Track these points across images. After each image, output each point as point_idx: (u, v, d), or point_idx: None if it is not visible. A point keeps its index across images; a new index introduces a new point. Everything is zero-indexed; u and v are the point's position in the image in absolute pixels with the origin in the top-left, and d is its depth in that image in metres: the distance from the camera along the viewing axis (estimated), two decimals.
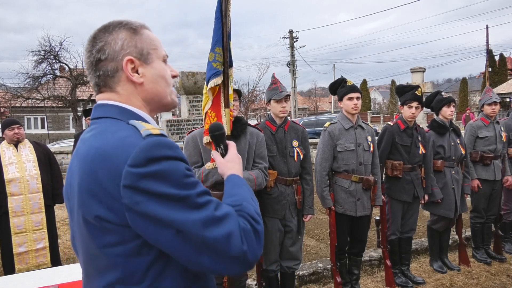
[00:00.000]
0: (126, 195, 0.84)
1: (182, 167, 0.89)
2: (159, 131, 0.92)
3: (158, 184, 0.84)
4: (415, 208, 3.71)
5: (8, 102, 19.06)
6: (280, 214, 2.93)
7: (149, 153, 0.85)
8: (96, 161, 0.87)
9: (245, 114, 25.56)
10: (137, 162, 0.84)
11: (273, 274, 3.01)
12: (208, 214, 0.88)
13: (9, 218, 3.61)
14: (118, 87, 1.00)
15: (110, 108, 0.99)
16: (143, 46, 1.01)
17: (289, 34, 27.73)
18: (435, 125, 3.85)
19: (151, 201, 0.83)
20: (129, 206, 0.84)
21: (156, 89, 1.04)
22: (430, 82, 16.06)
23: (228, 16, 2.33)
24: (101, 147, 0.89)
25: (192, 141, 2.63)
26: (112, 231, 0.89)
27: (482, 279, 3.67)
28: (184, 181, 0.88)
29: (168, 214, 0.84)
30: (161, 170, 0.85)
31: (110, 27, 1.00)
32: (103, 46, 0.98)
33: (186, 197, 0.87)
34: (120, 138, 0.89)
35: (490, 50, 29.20)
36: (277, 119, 3.02)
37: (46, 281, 2.18)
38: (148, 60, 1.01)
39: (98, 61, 0.98)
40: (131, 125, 0.94)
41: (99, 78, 1.00)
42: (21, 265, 3.68)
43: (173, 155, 0.89)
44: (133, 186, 0.83)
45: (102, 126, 0.96)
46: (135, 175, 0.83)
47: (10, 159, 3.68)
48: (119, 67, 0.98)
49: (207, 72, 2.39)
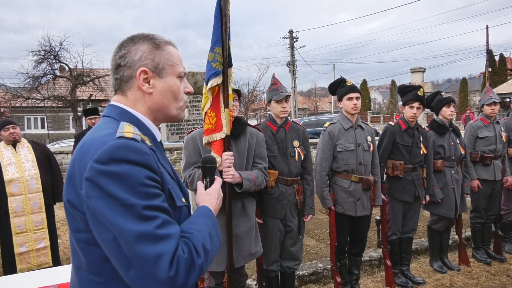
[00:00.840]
0: (85, 187, 0.90)
1: (141, 174, 0.91)
2: (133, 135, 0.97)
3: (112, 185, 0.88)
4: (416, 208, 3.71)
5: (8, 102, 19.06)
6: (281, 214, 2.93)
7: (113, 153, 0.90)
8: (79, 151, 0.97)
9: (245, 114, 25.54)
10: (100, 159, 0.90)
11: (273, 274, 3.01)
12: (147, 229, 0.88)
13: (10, 219, 3.61)
14: (129, 92, 1.10)
15: (114, 109, 1.09)
16: (160, 61, 1.10)
17: (289, 34, 27.72)
18: (435, 125, 3.86)
19: (101, 199, 0.88)
20: (84, 197, 0.90)
21: (163, 101, 1.11)
22: (430, 82, 16.08)
23: (227, 15, 2.33)
24: (86, 140, 0.99)
25: (191, 141, 2.63)
26: (78, 218, 0.96)
27: (482, 279, 3.67)
28: (137, 189, 0.90)
29: (110, 216, 0.87)
30: (119, 172, 0.89)
31: (136, 38, 1.11)
32: (125, 54, 1.09)
33: (133, 205, 0.88)
34: (101, 135, 0.97)
35: (490, 50, 29.21)
36: (277, 119, 3.02)
37: (46, 281, 2.18)
38: (162, 74, 1.10)
39: (118, 66, 1.09)
40: (118, 126, 1.01)
41: (116, 80, 1.11)
42: (23, 265, 3.68)
43: (137, 160, 0.92)
44: (91, 180, 0.89)
45: (101, 123, 1.07)
46: (95, 170, 0.89)
47: (9, 159, 3.67)
48: (133, 75, 1.08)
49: (206, 72, 2.39)
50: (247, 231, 2.58)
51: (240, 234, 2.52)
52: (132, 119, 1.07)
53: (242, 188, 2.47)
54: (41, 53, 17.78)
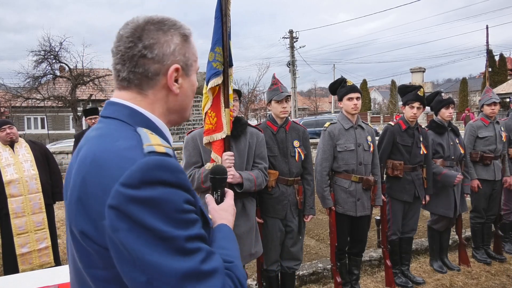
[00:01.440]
0: (109, 217, 0.72)
1: (179, 198, 0.76)
2: (165, 149, 0.80)
3: (146, 214, 0.71)
4: (416, 209, 3.71)
5: (8, 102, 19.05)
6: (281, 214, 2.93)
7: (145, 174, 0.73)
8: (90, 169, 0.78)
9: (245, 114, 25.55)
10: (130, 182, 0.72)
11: (274, 274, 3.01)
12: (192, 265, 0.73)
13: (10, 220, 3.61)
14: (150, 91, 0.90)
15: (121, 108, 0.89)
16: (189, 57, 0.95)
17: (289, 34, 27.73)
18: (434, 125, 3.86)
19: (132, 231, 0.71)
20: (108, 230, 0.73)
21: (185, 103, 0.98)
22: (430, 82, 16.08)
23: (228, 15, 2.34)
24: (98, 154, 0.79)
25: (192, 141, 2.63)
26: (96, 252, 0.78)
27: (482, 279, 3.67)
28: (176, 217, 0.74)
29: (145, 253, 0.71)
30: (155, 197, 0.72)
31: (165, 26, 0.91)
32: (153, 44, 0.88)
33: (173, 238, 0.72)
34: (119, 148, 0.78)
35: (490, 50, 29.21)
36: (278, 119, 3.02)
37: (46, 281, 2.18)
38: (189, 72, 0.95)
39: (142, 57, 0.87)
40: (138, 134, 0.83)
41: (134, 74, 0.89)
42: (25, 265, 3.67)
43: (173, 181, 0.76)
44: (119, 209, 0.71)
45: (107, 128, 0.86)
46: (124, 196, 0.71)
47: (7, 160, 3.65)
48: (162, 71, 0.89)
49: (207, 72, 2.39)
50: (247, 231, 2.58)
51: (240, 234, 2.52)
52: (145, 122, 0.89)
53: (243, 188, 2.47)
54: (41, 53, 17.79)
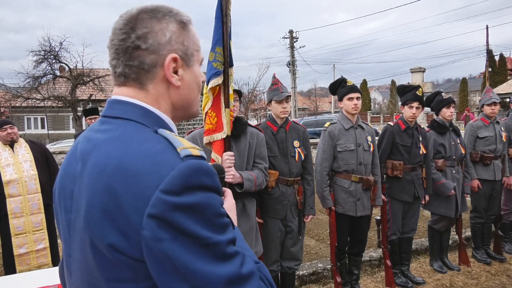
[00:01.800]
0: (149, 227, 0.67)
1: (217, 202, 0.73)
2: (199, 152, 0.76)
3: (189, 221, 0.68)
4: (416, 209, 3.71)
5: (8, 102, 19.04)
6: (281, 214, 2.93)
7: (186, 179, 0.69)
8: (116, 176, 0.71)
9: (245, 114, 25.54)
10: (171, 188, 0.68)
11: (274, 275, 3.01)
12: (233, 270, 0.71)
13: (9, 220, 3.60)
14: (150, 85, 0.84)
15: (133, 108, 0.82)
16: (189, 45, 0.88)
17: (289, 34, 27.73)
18: (435, 125, 3.86)
19: (176, 240, 0.67)
20: (148, 241, 0.68)
21: (189, 96, 0.90)
22: (430, 82, 16.08)
23: (228, 15, 2.34)
24: (124, 159, 0.72)
25: (192, 141, 2.63)
26: (125, 265, 0.73)
27: (482, 279, 3.67)
28: (217, 222, 0.72)
29: (190, 261, 0.68)
30: (197, 203, 0.69)
31: (160, 14, 0.85)
32: (147, 34, 0.82)
33: (216, 243, 0.70)
34: (150, 152, 0.73)
35: (490, 50, 29.21)
36: (278, 119, 3.02)
37: (46, 281, 2.17)
38: (190, 62, 0.88)
39: (136, 49, 0.82)
40: (162, 136, 0.78)
41: (130, 68, 0.83)
42: (22, 266, 3.67)
43: (211, 185, 0.73)
44: (162, 218, 0.67)
45: (121, 130, 0.79)
46: (167, 204, 0.67)
47: (7, 160, 3.65)
48: (159, 62, 0.83)
49: (207, 72, 2.39)
50: (248, 231, 2.58)
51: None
52: (159, 123, 0.83)
53: (243, 188, 2.47)
54: (41, 53, 17.78)
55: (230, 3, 2.34)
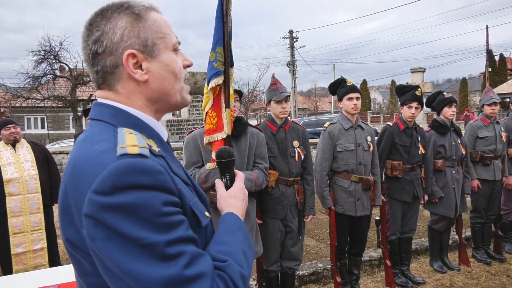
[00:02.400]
0: (86, 226, 0.69)
1: (157, 201, 0.71)
2: (138, 150, 0.74)
3: (122, 221, 0.67)
4: (415, 208, 3.71)
5: (8, 102, 19.04)
6: (281, 214, 2.92)
7: (117, 179, 0.69)
8: (70, 176, 0.75)
9: (245, 114, 25.54)
10: (101, 189, 0.68)
11: (274, 275, 3.01)
12: (174, 272, 0.69)
13: (7, 218, 3.61)
14: (118, 85, 0.85)
15: (106, 109, 0.85)
16: (148, 36, 0.84)
17: (289, 34, 27.72)
18: (436, 125, 3.85)
19: (110, 240, 0.68)
20: (87, 238, 0.71)
21: (164, 87, 0.87)
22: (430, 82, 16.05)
23: (229, 15, 2.33)
24: (77, 160, 0.76)
25: (192, 141, 2.63)
26: (83, 259, 0.76)
27: (482, 279, 3.67)
28: (155, 221, 0.70)
29: (124, 262, 0.68)
30: (130, 203, 0.68)
31: (108, 12, 0.83)
32: (99, 37, 0.82)
33: (153, 244, 0.68)
34: (96, 153, 0.74)
35: (490, 50, 29.18)
36: (277, 119, 3.02)
37: (46, 281, 2.17)
38: (154, 53, 0.85)
39: (95, 55, 0.83)
40: (116, 135, 0.79)
41: (97, 74, 0.85)
42: (19, 265, 3.66)
43: (149, 183, 0.71)
44: (94, 217, 0.68)
45: (90, 131, 0.83)
46: (97, 204, 0.68)
47: (8, 159, 3.67)
48: (119, 62, 0.83)
49: (208, 72, 2.39)
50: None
51: None
52: (131, 120, 0.84)
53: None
54: (41, 53, 17.76)
55: (230, 3, 2.34)
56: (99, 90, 0.88)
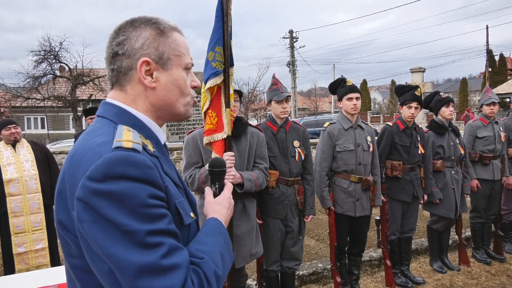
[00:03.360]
0: (77, 208, 0.76)
1: (143, 193, 0.78)
2: (132, 145, 0.82)
3: (108, 207, 0.74)
4: (415, 208, 3.71)
5: (8, 102, 19.03)
6: (282, 214, 2.92)
7: (109, 168, 0.76)
8: (70, 163, 0.83)
9: (245, 114, 25.53)
10: (94, 175, 0.76)
11: (274, 274, 3.01)
12: (150, 259, 0.75)
13: (8, 219, 3.61)
14: (128, 86, 0.95)
15: (110, 108, 0.94)
16: (165, 50, 0.95)
17: (289, 34, 27.71)
18: (434, 125, 3.86)
19: (96, 224, 0.74)
20: (76, 220, 0.77)
21: (168, 97, 0.96)
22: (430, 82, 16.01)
23: (229, 14, 2.33)
24: (78, 149, 0.84)
25: (192, 141, 2.63)
26: (71, 241, 0.83)
27: (482, 279, 3.67)
28: (139, 211, 0.76)
29: (107, 245, 0.74)
30: (117, 191, 0.75)
31: (137, 22, 0.95)
32: (123, 40, 0.93)
33: (134, 231, 0.75)
34: (95, 144, 0.82)
35: (490, 50, 29.20)
36: (278, 119, 3.02)
37: (46, 281, 2.18)
38: (167, 66, 0.95)
39: (115, 55, 0.93)
40: (114, 131, 0.88)
41: (112, 72, 0.95)
42: (21, 265, 3.67)
43: (138, 176, 0.78)
44: (84, 201, 0.75)
45: (94, 126, 0.93)
46: (88, 189, 0.75)
47: (8, 159, 3.67)
48: (133, 65, 0.93)
49: (205, 71, 2.38)
50: (248, 231, 2.58)
51: (240, 234, 2.52)
52: (132, 120, 0.93)
53: (243, 189, 2.47)
54: (41, 53, 17.76)
55: (231, 2, 2.33)
56: (111, 90, 0.98)
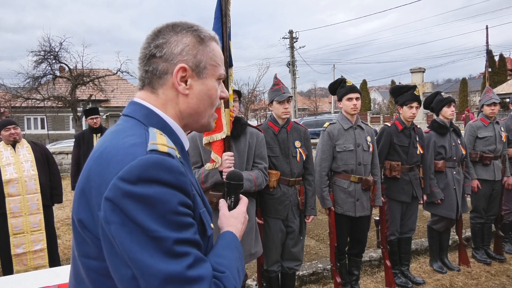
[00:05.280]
0: (104, 208, 0.74)
1: (175, 199, 0.76)
2: (168, 149, 0.81)
3: (139, 210, 0.72)
4: (414, 208, 3.71)
5: (8, 102, 19.03)
6: (283, 214, 2.92)
7: (143, 171, 0.74)
8: (97, 162, 0.81)
9: (245, 114, 25.54)
10: (127, 177, 0.73)
11: (274, 275, 3.01)
12: (177, 269, 0.73)
13: (7, 219, 3.60)
14: (160, 90, 0.93)
15: (140, 108, 0.92)
16: (202, 59, 0.94)
17: (289, 34, 27.72)
18: (435, 126, 3.85)
19: (124, 226, 0.72)
20: (102, 221, 0.74)
21: (198, 106, 0.96)
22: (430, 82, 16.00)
23: (228, 15, 2.33)
24: (106, 148, 0.81)
25: (191, 142, 2.63)
26: (91, 242, 0.80)
27: (482, 280, 3.67)
28: (169, 218, 0.74)
29: (133, 249, 0.72)
30: (149, 195, 0.73)
31: (179, 27, 0.94)
32: (163, 44, 0.92)
33: (163, 238, 0.72)
34: (126, 144, 0.80)
35: (490, 50, 29.19)
36: (279, 120, 3.01)
37: (46, 281, 2.17)
38: (202, 75, 0.95)
39: (152, 56, 0.92)
40: (147, 133, 0.85)
41: (146, 73, 0.93)
42: (20, 266, 3.66)
43: (171, 181, 0.76)
44: (114, 202, 0.73)
45: (122, 125, 0.90)
46: (120, 190, 0.73)
47: (8, 159, 3.66)
48: (169, 70, 0.91)
49: None
50: (247, 231, 2.58)
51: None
52: (161, 124, 0.91)
53: (242, 189, 2.46)
54: (41, 53, 17.76)
55: (229, 3, 2.34)
56: (141, 90, 0.96)
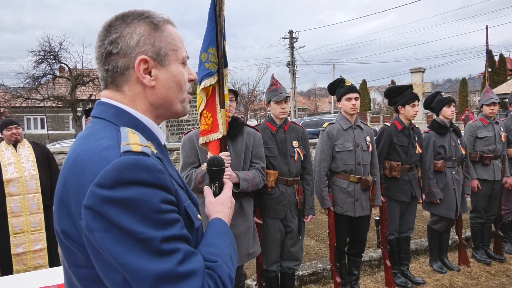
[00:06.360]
0: (85, 217, 0.72)
1: (156, 198, 0.74)
2: (142, 148, 0.78)
3: (121, 214, 0.70)
4: (413, 208, 3.71)
5: (8, 102, 19.06)
6: (281, 214, 2.92)
7: (120, 174, 0.72)
8: (71, 170, 0.78)
9: (244, 114, 25.54)
10: (104, 182, 0.71)
11: (274, 275, 3.01)
12: (167, 267, 0.72)
13: (8, 219, 3.61)
14: (125, 87, 0.89)
15: (109, 108, 0.89)
16: (162, 46, 0.90)
17: (289, 34, 27.72)
18: (435, 126, 3.85)
19: (108, 232, 0.70)
20: (85, 230, 0.72)
21: (168, 95, 0.92)
22: (430, 82, 16.01)
23: (222, 16, 2.33)
24: (79, 155, 0.79)
25: (189, 142, 2.63)
26: (77, 251, 0.78)
27: (481, 280, 3.67)
28: (153, 217, 0.73)
29: (120, 254, 0.70)
30: (129, 197, 0.71)
31: (129, 18, 0.89)
32: (117, 38, 0.87)
33: (149, 239, 0.71)
34: (98, 148, 0.77)
35: (490, 50, 29.18)
36: (277, 119, 3.02)
37: (46, 281, 2.17)
38: (165, 62, 0.90)
39: (109, 54, 0.87)
40: (119, 133, 0.83)
41: (107, 72, 0.89)
42: (19, 266, 3.66)
43: (150, 180, 0.74)
44: (94, 209, 0.71)
45: (92, 128, 0.87)
46: (98, 197, 0.70)
47: (9, 159, 3.67)
48: (130, 65, 0.87)
49: (199, 72, 2.38)
50: (245, 231, 2.58)
51: (237, 234, 2.52)
52: (133, 121, 0.88)
53: (239, 189, 2.47)
54: (40, 53, 17.80)
55: (223, 4, 2.34)
56: (105, 89, 0.92)
